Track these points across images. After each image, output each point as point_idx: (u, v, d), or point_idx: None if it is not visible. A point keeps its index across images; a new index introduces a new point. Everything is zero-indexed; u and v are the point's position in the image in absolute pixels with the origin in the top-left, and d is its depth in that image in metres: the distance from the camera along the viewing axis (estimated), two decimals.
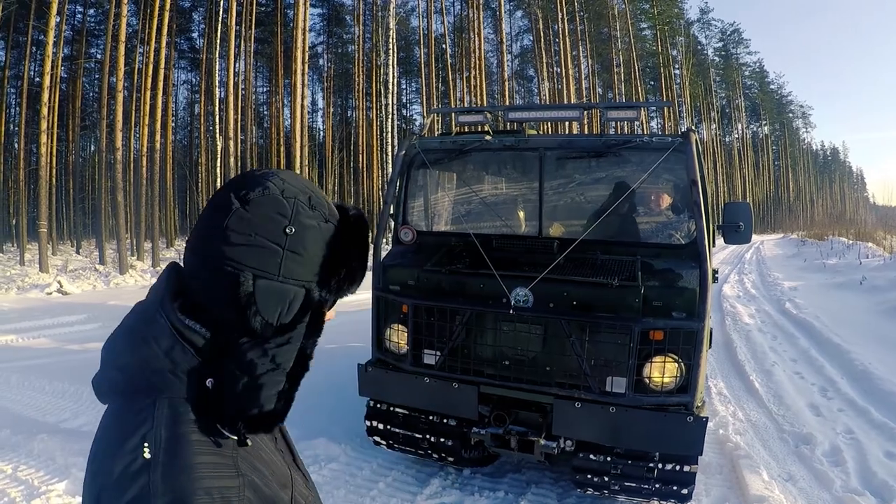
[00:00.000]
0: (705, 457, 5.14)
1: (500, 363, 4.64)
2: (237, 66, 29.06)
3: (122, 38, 25.00)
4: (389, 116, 24.98)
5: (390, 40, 24.04)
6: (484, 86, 39.95)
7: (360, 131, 45.46)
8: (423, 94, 42.41)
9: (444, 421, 5.02)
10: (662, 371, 4.24)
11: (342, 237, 1.21)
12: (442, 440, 5.02)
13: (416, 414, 5.13)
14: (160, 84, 29.96)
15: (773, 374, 8.51)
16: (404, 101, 55.85)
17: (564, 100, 42.87)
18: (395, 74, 25.49)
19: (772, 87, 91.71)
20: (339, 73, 50.23)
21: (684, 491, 4.41)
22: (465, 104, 40.23)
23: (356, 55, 44.00)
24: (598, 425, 4.36)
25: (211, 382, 1.12)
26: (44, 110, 23.43)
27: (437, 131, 28.40)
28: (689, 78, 63.19)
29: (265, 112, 49.93)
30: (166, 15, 28.54)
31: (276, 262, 1.12)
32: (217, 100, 26.76)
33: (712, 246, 5.23)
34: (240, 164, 31.21)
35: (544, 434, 4.53)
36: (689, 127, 8.44)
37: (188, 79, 51.39)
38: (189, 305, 1.14)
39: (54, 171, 34.69)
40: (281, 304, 1.14)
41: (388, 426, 5.21)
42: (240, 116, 30.97)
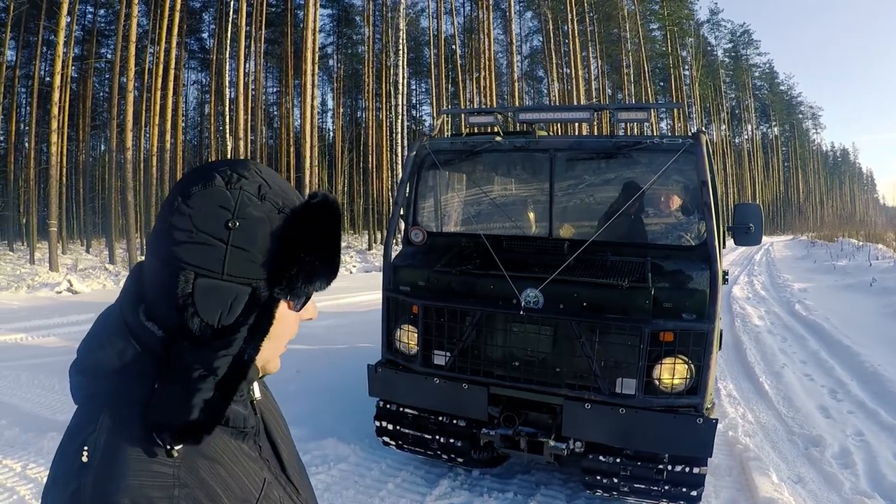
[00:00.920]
0: (715, 458, 5.13)
1: (510, 364, 4.65)
2: (247, 66, 29.16)
3: (133, 38, 25.12)
4: (399, 117, 25.00)
5: (400, 41, 24.06)
6: (494, 87, 40.04)
7: (370, 132, 45.56)
8: (433, 94, 42.41)
9: (454, 422, 5.03)
10: (672, 372, 4.24)
11: (296, 228, 1.09)
12: (451, 441, 5.02)
13: (425, 414, 5.13)
14: (170, 84, 30.12)
15: (782, 376, 8.48)
16: (414, 101, 55.90)
17: (574, 101, 42.84)
18: (405, 75, 25.48)
19: (781, 88, 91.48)
20: (349, 73, 50.34)
21: (694, 493, 4.40)
22: (475, 105, 40.28)
23: (366, 56, 44.09)
24: (607, 426, 4.36)
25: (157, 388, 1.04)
26: (54, 110, 23.55)
27: (447, 132, 28.43)
28: (699, 79, 63.03)
29: (275, 112, 50.08)
30: (177, 15, 28.67)
31: (218, 258, 1.02)
32: (227, 100, 26.83)
33: (723, 247, 5.22)
34: None
35: (554, 435, 4.53)
36: (700, 128, 8.39)
37: (198, 79, 51.62)
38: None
39: (65, 170, 34.85)
40: (221, 305, 1.04)
41: (398, 427, 5.22)
42: (250, 117, 31.06)
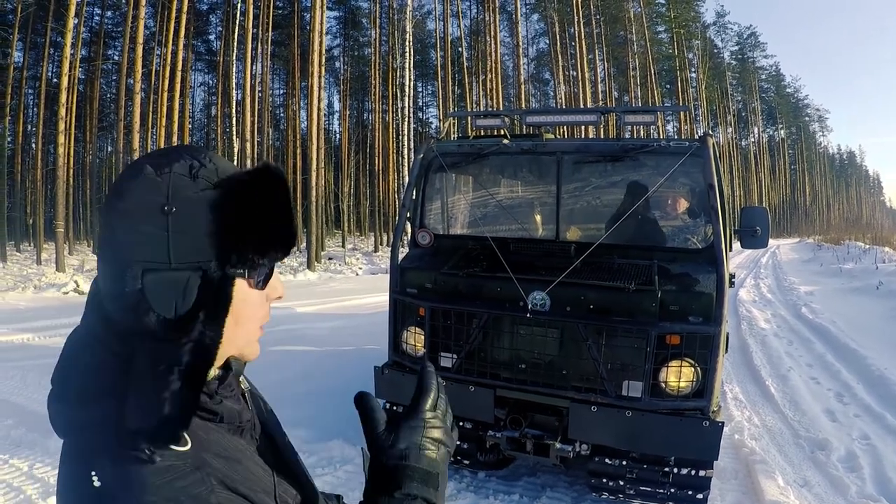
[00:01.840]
0: (721, 462, 5.12)
1: (516, 366, 4.66)
2: (254, 68, 29.24)
3: (140, 40, 25.19)
4: (405, 119, 25.04)
5: (407, 43, 24.10)
6: (500, 89, 40.04)
7: (377, 134, 45.55)
8: (440, 96, 42.41)
9: (461, 423, 5.02)
10: (679, 375, 4.25)
11: (236, 200, 1.02)
12: (458, 442, 5.01)
13: None
14: (177, 86, 30.17)
15: (788, 379, 8.47)
16: (420, 103, 55.99)
17: (580, 103, 42.83)
18: (412, 77, 25.52)
19: (788, 90, 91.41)
20: (356, 75, 50.46)
21: (699, 496, 4.41)
22: (482, 107, 40.35)
23: (372, 58, 44.15)
24: (613, 429, 4.36)
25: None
26: (62, 111, 23.63)
27: (454, 134, 28.43)
28: (706, 81, 62.95)
29: (281, 114, 50.29)
30: (184, 17, 28.72)
31: (162, 248, 0.98)
32: (234, 102, 26.93)
33: (729, 250, 5.23)
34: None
35: (560, 437, 4.54)
36: (706, 131, 8.43)
37: (205, 81, 51.87)
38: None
39: (71, 171, 34.95)
40: (175, 294, 0.99)
41: None
42: (256, 118, 31.13)
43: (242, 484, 1.02)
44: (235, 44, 27.01)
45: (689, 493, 4.41)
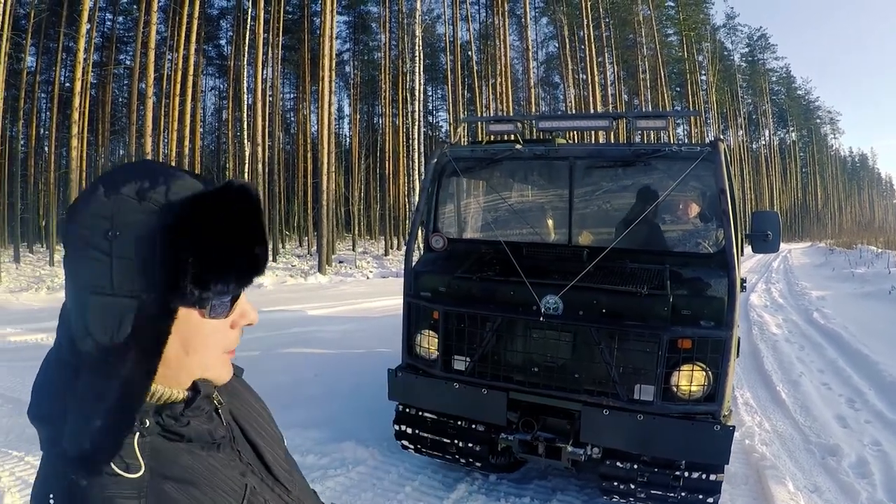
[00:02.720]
0: (731, 467, 5.13)
1: (529, 370, 4.68)
2: (265, 72, 29.33)
3: (152, 44, 25.37)
4: (416, 123, 25.07)
5: (416, 47, 24.14)
6: (510, 93, 40.00)
7: (387, 138, 45.61)
8: (449, 100, 42.40)
9: (473, 426, 5.05)
10: (690, 379, 4.27)
11: (178, 226, 0.96)
12: (470, 445, 5.05)
13: (444, 419, 5.16)
14: (189, 90, 30.31)
15: (800, 385, 8.46)
16: (430, 107, 56.06)
17: (590, 106, 42.83)
18: (422, 81, 25.56)
19: (799, 92, 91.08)
20: (366, 80, 50.58)
21: (710, 500, 4.42)
22: (491, 111, 40.35)
23: (382, 62, 44.22)
24: (625, 433, 4.38)
25: None
26: (75, 115, 23.78)
27: (464, 139, 28.45)
28: (716, 84, 62.82)
29: (292, 118, 50.39)
30: (195, 22, 28.88)
31: (105, 273, 0.94)
32: (245, 106, 27.02)
33: (740, 255, 5.25)
34: (267, 170, 31.50)
35: (572, 441, 4.56)
36: (717, 136, 8.42)
37: (216, 85, 51.99)
38: None
39: (84, 174, 35.13)
40: (112, 322, 0.95)
41: (417, 430, 5.26)
42: (267, 123, 31.23)
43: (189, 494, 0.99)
44: (246, 48, 27.11)
45: (700, 496, 4.42)
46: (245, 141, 26.67)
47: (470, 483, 5.36)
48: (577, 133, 31.45)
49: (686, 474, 4.45)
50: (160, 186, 0.97)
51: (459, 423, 5.12)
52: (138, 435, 0.98)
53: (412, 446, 5.36)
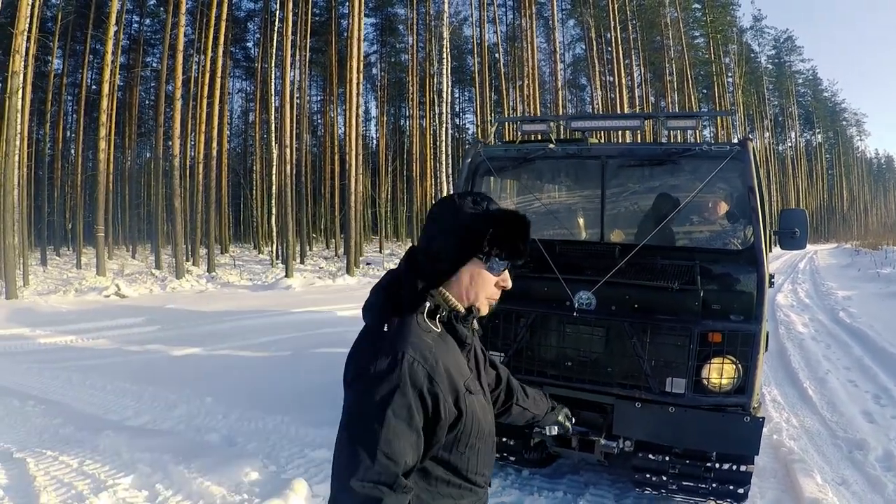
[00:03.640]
0: (760, 461, 5.21)
1: (563, 364, 4.76)
2: (292, 74, 29.47)
3: (180, 47, 25.64)
4: (443, 125, 25.09)
5: (444, 49, 24.21)
6: (537, 94, 40.02)
7: (414, 140, 45.84)
8: (476, 102, 42.45)
9: None
10: (721, 372, 4.34)
11: (491, 221, 1.78)
12: (504, 439, 5.09)
13: None
14: (216, 92, 30.66)
15: (826, 382, 8.49)
16: (457, 109, 56.18)
17: (617, 108, 42.67)
18: (449, 83, 25.64)
19: (825, 94, 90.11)
20: (393, 82, 50.88)
21: (741, 490, 4.47)
22: (518, 113, 40.34)
23: (409, 64, 44.48)
24: (657, 425, 4.45)
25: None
26: (102, 117, 24.13)
27: (492, 139, 28.44)
28: (742, 86, 62.30)
29: (319, 121, 50.75)
30: (222, 25, 29.14)
31: (454, 231, 1.76)
32: (272, 108, 27.24)
33: (769, 251, 5.32)
34: (294, 172, 31.70)
35: (605, 434, 4.60)
36: (746, 135, 8.42)
37: (243, 87, 52.57)
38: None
39: (111, 177, 35.55)
40: (450, 248, 1.77)
41: None
42: (294, 125, 31.44)
43: (448, 362, 1.73)
44: (273, 50, 27.31)
45: (731, 487, 4.48)
46: (272, 143, 26.87)
47: (503, 478, 5.44)
48: (604, 134, 31.46)
49: (717, 465, 4.52)
50: (484, 202, 1.77)
51: None
52: (438, 316, 1.79)
53: None
